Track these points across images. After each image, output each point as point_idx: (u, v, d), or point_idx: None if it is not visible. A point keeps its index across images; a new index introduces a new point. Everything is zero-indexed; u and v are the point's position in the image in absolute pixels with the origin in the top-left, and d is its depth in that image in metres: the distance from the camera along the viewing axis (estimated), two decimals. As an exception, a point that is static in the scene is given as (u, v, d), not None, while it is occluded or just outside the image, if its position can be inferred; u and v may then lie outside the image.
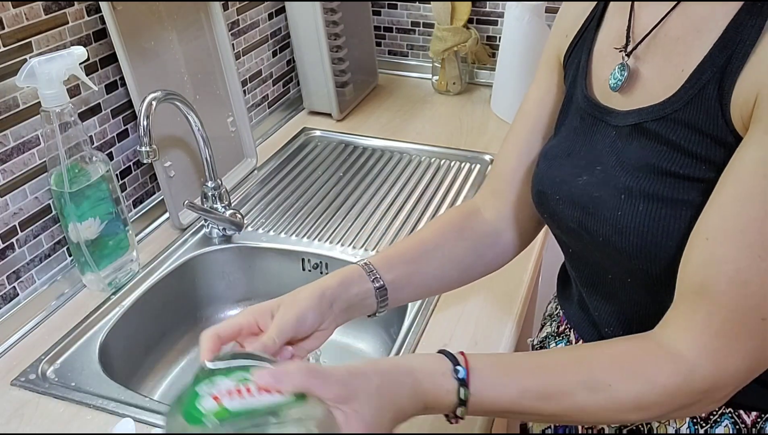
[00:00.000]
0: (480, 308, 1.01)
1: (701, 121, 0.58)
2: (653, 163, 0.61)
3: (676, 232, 0.59)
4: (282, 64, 1.61)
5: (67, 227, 1.01)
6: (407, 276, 0.75)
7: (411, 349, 0.94)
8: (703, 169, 0.58)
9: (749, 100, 0.55)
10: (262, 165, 1.42)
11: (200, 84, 1.26)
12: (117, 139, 1.16)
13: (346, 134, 1.54)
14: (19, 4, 0.95)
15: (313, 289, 0.68)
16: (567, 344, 0.83)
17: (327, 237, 1.20)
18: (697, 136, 0.58)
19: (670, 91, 0.61)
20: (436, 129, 1.55)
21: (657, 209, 0.60)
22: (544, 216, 0.75)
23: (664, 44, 0.63)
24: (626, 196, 0.62)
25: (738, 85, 0.56)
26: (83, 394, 0.89)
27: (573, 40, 0.75)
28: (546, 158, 0.75)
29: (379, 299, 0.73)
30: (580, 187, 0.67)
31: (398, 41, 1.83)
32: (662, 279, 0.62)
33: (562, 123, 0.75)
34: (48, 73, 0.91)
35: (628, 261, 0.64)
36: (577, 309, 0.80)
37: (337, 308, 0.69)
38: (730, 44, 0.57)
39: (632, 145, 0.63)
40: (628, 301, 0.69)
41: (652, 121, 0.62)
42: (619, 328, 0.72)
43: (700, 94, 0.58)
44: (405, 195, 1.32)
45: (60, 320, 1.01)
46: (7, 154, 0.96)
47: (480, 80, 1.77)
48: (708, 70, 0.58)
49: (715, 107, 0.57)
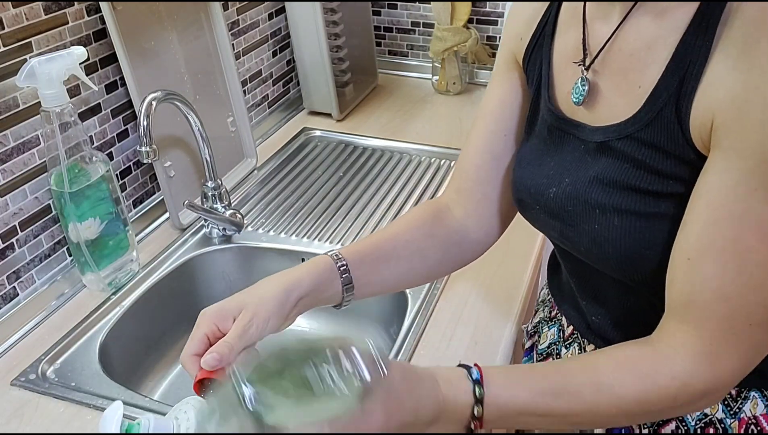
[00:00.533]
0: (480, 308, 1.01)
1: (663, 141, 0.59)
2: (622, 180, 0.62)
3: (653, 242, 0.62)
4: (282, 64, 1.61)
5: (67, 227, 1.01)
6: (377, 272, 0.76)
7: (411, 349, 0.94)
8: (670, 184, 0.60)
9: (705, 123, 0.56)
10: (262, 165, 1.42)
11: (200, 84, 1.26)
12: (117, 139, 1.16)
13: (346, 134, 1.54)
14: (19, 4, 0.95)
15: (279, 289, 0.67)
16: (559, 329, 0.85)
17: (327, 237, 1.20)
18: (661, 156, 0.60)
19: (631, 109, 0.61)
20: (436, 129, 1.55)
21: (632, 222, 0.62)
22: (529, 221, 0.76)
23: (619, 60, 0.64)
24: (600, 211, 0.64)
25: (694, 108, 0.57)
26: (83, 394, 0.89)
27: (529, 45, 0.74)
28: (520, 166, 0.75)
29: (345, 294, 0.74)
30: (551, 199, 0.69)
31: (398, 41, 1.83)
32: (646, 282, 0.64)
33: (532, 128, 0.75)
34: (48, 73, 0.91)
35: (609, 269, 0.66)
36: (566, 297, 0.82)
37: (302, 303, 0.69)
38: (681, 66, 0.58)
39: (600, 162, 0.64)
40: (616, 294, 0.72)
41: (617, 139, 0.62)
42: (606, 318, 0.75)
43: (659, 116, 0.59)
44: (405, 195, 1.32)
45: (60, 320, 1.01)
46: (7, 154, 0.96)
47: (480, 80, 1.77)
48: (663, 92, 0.59)
49: (674, 128, 0.58)
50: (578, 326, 0.80)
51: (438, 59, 1.68)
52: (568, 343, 0.83)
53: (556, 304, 0.86)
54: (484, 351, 0.93)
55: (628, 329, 0.71)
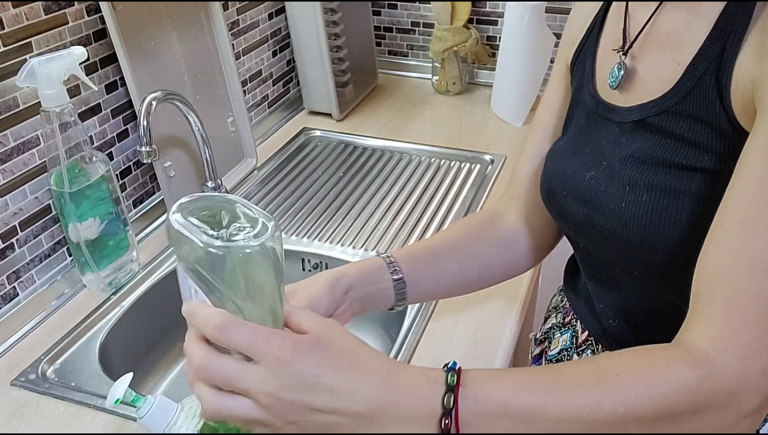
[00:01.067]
0: (480, 308, 1.01)
1: (701, 111, 0.59)
2: (657, 156, 0.62)
3: (677, 221, 0.60)
4: (282, 64, 1.61)
5: (67, 227, 1.01)
6: (426, 271, 0.76)
7: (411, 349, 0.94)
8: (705, 158, 0.59)
9: (748, 87, 0.56)
10: (262, 165, 1.42)
11: (200, 84, 1.26)
12: (117, 139, 1.16)
13: (346, 134, 1.54)
14: (19, 4, 0.95)
15: (329, 275, 0.70)
16: (573, 335, 0.83)
17: (327, 237, 1.20)
18: (698, 126, 0.59)
19: (668, 85, 0.62)
20: (436, 129, 1.55)
21: (659, 199, 0.61)
22: (553, 214, 0.76)
23: (657, 40, 0.65)
24: (630, 188, 0.63)
25: (735, 74, 0.57)
26: (83, 394, 0.89)
27: (578, 46, 0.77)
28: (553, 157, 0.76)
29: (397, 292, 0.74)
30: (586, 182, 0.69)
31: (398, 41, 1.83)
32: (666, 270, 0.62)
33: (569, 124, 0.77)
34: (48, 73, 0.91)
35: (632, 252, 0.64)
36: (583, 301, 0.81)
37: (353, 296, 0.70)
38: (722, 35, 0.58)
39: (636, 140, 0.65)
40: (634, 295, 0.71)
41: (655, 115, 0.63)
42: (623, 321, 0.73)
43: (698, 85, 0.60)
44: (405, 195, 1.32)
45: (60, 320, 1.01)
46: (7, 154, 0.96)
47: (480, 80, 1.77)
48: (704, 61, 0.59)
49: (713, 97, 0.58)
50: (594, 331, 0.78)
51: (438, 59, 1.68)
52: (581, 350, 0.81)
53: (572, 308, 0.85)
54: (484, 351, 0.93)
55: (647, 334, 0.69)
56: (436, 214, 1.25)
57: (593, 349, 0.79)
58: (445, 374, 0.51)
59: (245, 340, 0.49)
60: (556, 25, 1.63)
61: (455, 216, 1.24)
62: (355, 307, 0.72)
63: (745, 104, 0.56)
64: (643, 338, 0.65)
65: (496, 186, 1.32)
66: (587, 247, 0.74)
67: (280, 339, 0.49)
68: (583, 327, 0.81)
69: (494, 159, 1.40)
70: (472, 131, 1.54)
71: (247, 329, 0.49)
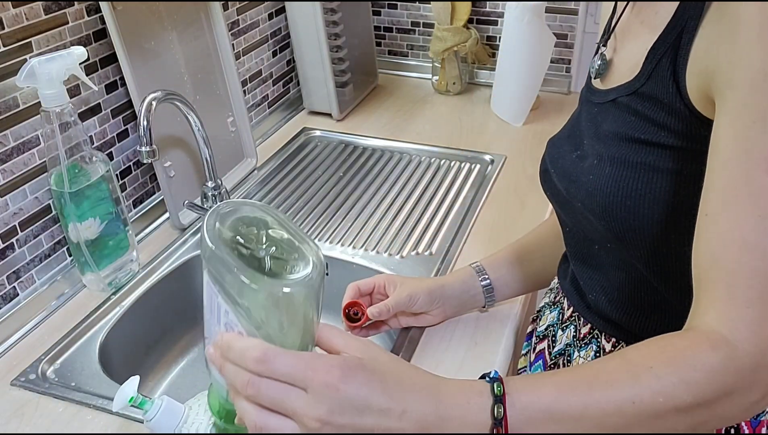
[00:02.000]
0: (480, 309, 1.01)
1: (659, 92, 0.63)
2: (622, 132, 0.66)
3: (634, 191, 0.64)
4: (282, 64, 1.61)
5: (67, 227, 1.01)
6: (513, 273, 0.93)
7: (411, 349, 0.94)
8: (662, 135, 0.63)
9: (703, 72, 0.58)
10: (262, 165, 1.42)
11: (200, 84, 1.26)
12: (117, 139, 1.16)
13: (346, 134, 1.54)
14: (19, 4, 0.95)
15: (433, 281, 0.91)
16: (560, 312, 0.87)
17: (327, 237, 1.20)
18: (657, 106, 0.63)
19: (637, 68, 0.67)
20: (436, 129, 1.55)
21: (619, 171, 0.65)
22: (546, 193, 0.81)
23: (634, 30, 0.70)
24: (598, 161, 0.68)
25: (691, 58, 0.60)
26: (83, 394, 0.89)
27: None
28: (551, 142, 0.82)
29: (487, 296, 0.93)
30: (572, 160, 0.74)
31: (398, 41, 1.83)
32: (629, 240, 0.66)
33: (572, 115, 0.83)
34: (48, 73, 0.91)
35: (598, 223, 0.68)
36: (569, 280, 0.84)
37: (448, 302, 0.91)
38: (680, 21, 0.61)
39: (607, 119, 0.70)
40: (610, 269, 0.74)
41: (625, 96, 0.68)
42: (602, 295, 0.76)
43: (657, 68, 0.63)
44: (405, 195, 1.32)
45: (60, 320, 1.01)
46: (7, 154, 0.96)
47: (480, 80, 1.77)
48: (661, 46, 0.63)
49: (668, 77, 0.62)
50: (578, 307, 0.81)
51: (438, 59, 1.68)
52: (565, 326, 0.84)
53: (560, 286, 0.88)
54: (484, 351, 0.93)
55: (625, 307, 0.73)
56: (436, 214, 1.25)
57: (576, 324, 0.82)
58: (490, 385, 0.54)
59: (288, 370, 0.50)
60: (556, 25, 1.63)
61: (455, 216, 1.24)
62: (448, 311, 0.93)
63: (701, 89, 0.59)
64: (624, 311, 0.72)
65: (496, 186, 1.32)
66: (569, 224, 0.78)
67: (325, 364, 0.50)
68: (569, 304, 0.84)
69: (494, 159, 1.40)
70: (472, 131, 1.54)
71: (288, 358, 0.50)
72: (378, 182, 1.37)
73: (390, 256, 1.14)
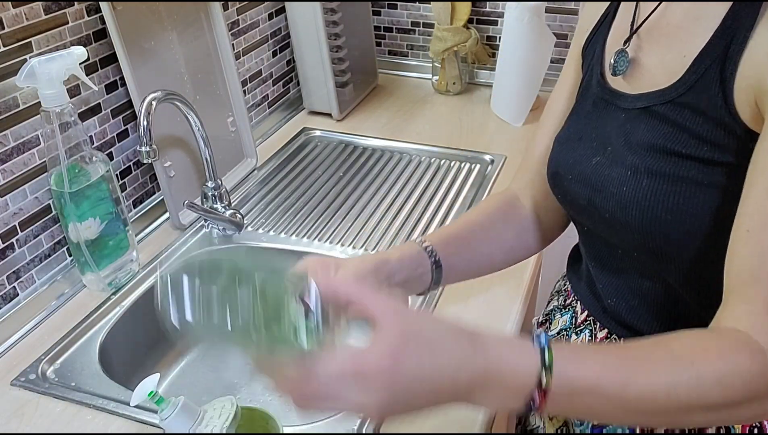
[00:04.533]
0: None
1: (704, 104, 0.61)
2: (659, 144, 0.64)
3: (674, 206, 0.62)
4: (282, 64, 1.61)
5: (67, 227, 1.01)
6: (460, 255, 0.80)
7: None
8: (704, 149, 0.61)
9: (753, 85, 0.57)
10: (262, 165, 1.42)
11: (200, 84, 1.26)
12: (117, 139, 1.16)
13: (346, 134, 1.54)
14: (19, 4, 0.95)
15: (374, 257, 0.72)
16: (572, 315, 0.85)
17: (327, 237, 1.20)
18: (701, 118, 0.61)
19: (675, 77, 0.64)
20: (436, 129, 1.55)
21: (658, 185, 0.63)
22: (558, 197, 0.79)
23: (666, 33, 0.67)
24: (632, 172, 0.65)
25: (740, 71, 0.58)
26: (83, 394, 0.89)
27: (590, 33, 0.80)
28: (559, 142, 0.79)
29: (435, 276, 0.76)
30: (592, 167, 0.71)
31: (398, 41, 1.83)
32: (663, 253, 0.65)
33: (575, 108, 0.79)
34: (48, 73, 0.91)
35: (631, 235, 0.67)
36: (584, 283, 0.83)
37: (396, 281, 0.72)
38: (729, 31, 0.60)
39: (640, 127, 0.67)
40: (633, 276, 0.72)
41: (660, 104, 0.65)
42: (621, 301, 0.75)
43: (702, 79, 0.61)
44: (405, 195, 1.32)
45: (60, 320, 1.01)
46: (7, 154, 0.96)
47: (480, 80, 1.77)
48: (709, 56, 0.61)
49: (716, 90, 0.60)
50: (594, 311, 0.81)
51: (438, 59, 1.68)
52: (580, 329, 0.83)
53: (573, 290, 0.87)
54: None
55: (646, 315, 0.72)
56: (436, 214, 1.25)
57: (591, 328, 0.81)
58: (539, 350, 0.53)
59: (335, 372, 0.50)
60: (556, 25, 1.63)
61: (455, 216, 1.24)
62: (395, 292, 0.74)
63: (750, 102, 0.57)
64: (642, 317, 0.70)
65: (496, 186, 1.32)
66: (590, 228, 0.76)
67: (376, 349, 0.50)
68: (583, 307, 0.83)
69: (494, 159, 1.40)
70: (472, 131, 1.54)
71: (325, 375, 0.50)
72: (378, 182, 1.37)
73: (390, 256, 1.14)
